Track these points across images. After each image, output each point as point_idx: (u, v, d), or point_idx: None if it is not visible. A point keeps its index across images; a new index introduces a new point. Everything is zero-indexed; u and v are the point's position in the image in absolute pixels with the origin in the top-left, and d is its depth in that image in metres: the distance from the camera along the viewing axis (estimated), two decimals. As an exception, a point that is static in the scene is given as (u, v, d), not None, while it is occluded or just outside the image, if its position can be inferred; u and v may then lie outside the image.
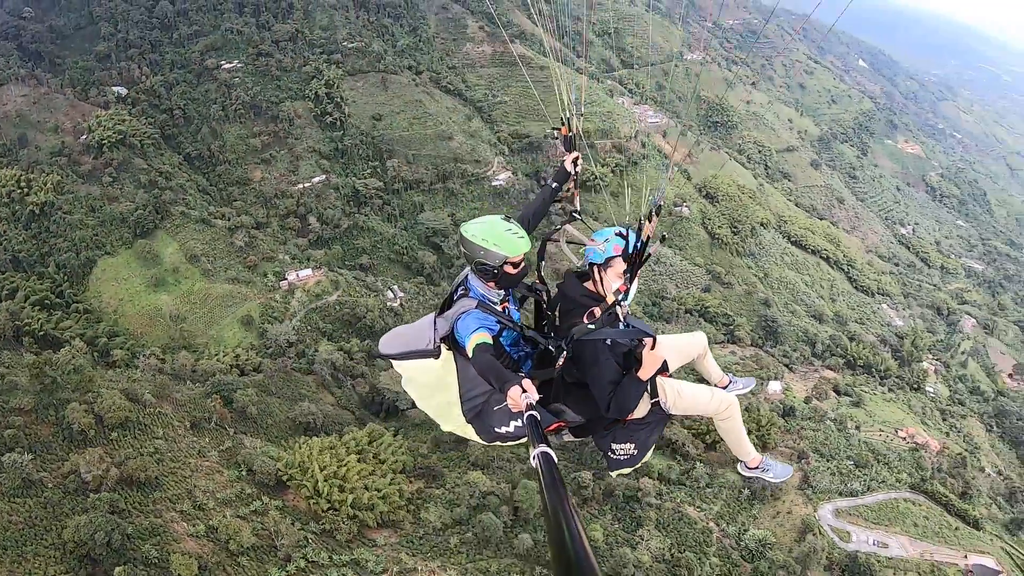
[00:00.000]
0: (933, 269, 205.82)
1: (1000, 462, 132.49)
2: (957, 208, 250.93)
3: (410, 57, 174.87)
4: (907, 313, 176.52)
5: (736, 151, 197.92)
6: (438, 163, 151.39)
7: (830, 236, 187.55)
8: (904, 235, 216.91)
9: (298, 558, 60.43)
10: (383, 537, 68.19)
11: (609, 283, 7.69)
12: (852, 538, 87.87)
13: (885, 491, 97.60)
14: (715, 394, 8.40)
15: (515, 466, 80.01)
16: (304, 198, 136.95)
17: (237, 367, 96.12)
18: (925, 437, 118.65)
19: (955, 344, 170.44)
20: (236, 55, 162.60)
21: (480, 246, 7.20)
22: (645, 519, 79.03)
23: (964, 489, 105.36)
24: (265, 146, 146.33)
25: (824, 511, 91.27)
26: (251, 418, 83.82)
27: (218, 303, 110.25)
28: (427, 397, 7.71)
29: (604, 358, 7.34)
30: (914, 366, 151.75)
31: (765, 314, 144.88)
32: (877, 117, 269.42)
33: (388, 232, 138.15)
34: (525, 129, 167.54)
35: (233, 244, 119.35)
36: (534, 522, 72.53)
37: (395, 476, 74.19)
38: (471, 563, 65.03)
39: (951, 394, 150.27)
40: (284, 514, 66.05)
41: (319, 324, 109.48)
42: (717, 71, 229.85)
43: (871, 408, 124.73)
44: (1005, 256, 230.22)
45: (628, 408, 7.55)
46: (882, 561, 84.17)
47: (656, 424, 8.12)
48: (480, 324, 7.02)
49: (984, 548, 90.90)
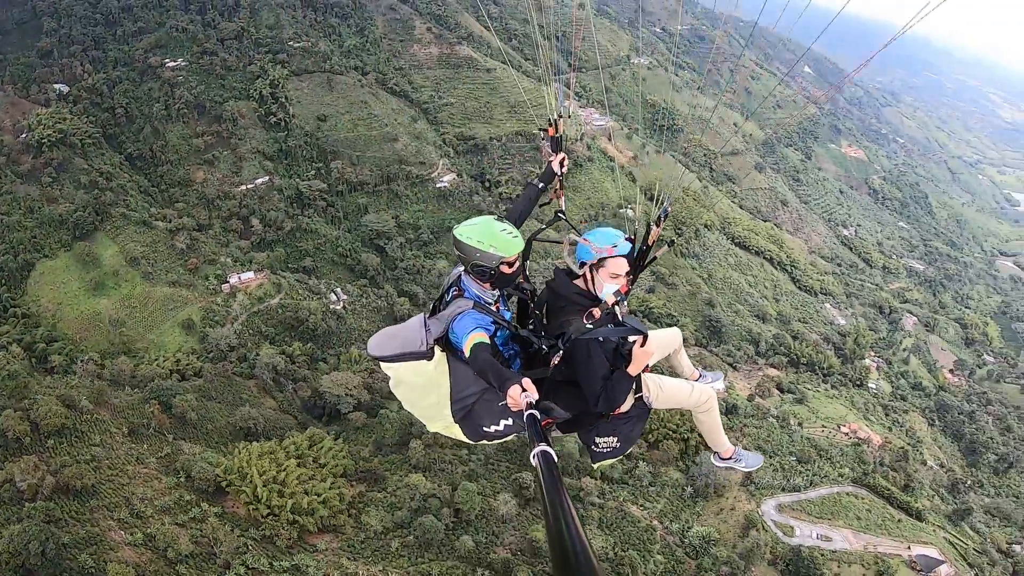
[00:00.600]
0: (875, 269, 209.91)
1: (942, 455, 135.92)
2: (899, 210, 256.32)
3: (357, 58, 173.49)
4: (850, 312, 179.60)
5: (681, 154, 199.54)
6: (383, 165, 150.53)
7: (774, 237, 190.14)
8: (847, 236, 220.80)
9: (237, 565, 60.09)
10: (324, 542, 67.99)
11: (601, 282, 7.71)
12: (796, 532, 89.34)
13: (828, 486, 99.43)
14: (695, 388, 8.65)
15: (456, 468, 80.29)
16: (247, 200, 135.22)
17: (177, 372, 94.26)
18: (867, 432, 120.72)
19: (897, 341, 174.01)
20: (181, 53, 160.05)
21: (476, 248, 7.21)
22: (588, 518, 79.36)
23: (906, 482, 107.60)
24: (208, 146, 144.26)
25: (767, 507, 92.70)
26: (191, 424, 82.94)
27: (158, 307, 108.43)
28: (416, 399, 7.69)
29: (596, 355, 7.43)
30: (857, 363, 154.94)
31: (709, 314, 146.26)
32: (821, 122, 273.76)
33: (332, 234, 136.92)
34: (471, 131, 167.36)
35: (174, 246, 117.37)
36: (476, 524, 72.93)
37: (335, 480, 73.94)
38: (413, 566, 65.12)
39: (893, 390, 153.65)
40: (223, 521, 65.67)
41: (261, 328, 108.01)
42: (664, 75, 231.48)
43: (814, 405, 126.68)
44: (946, 256, 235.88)
45: (617, 403, 7.67)
46: (826, 554, 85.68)
47: (638, 418, 8.25)
48: (477, 324, 7.05)
49: (927, 539, 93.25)
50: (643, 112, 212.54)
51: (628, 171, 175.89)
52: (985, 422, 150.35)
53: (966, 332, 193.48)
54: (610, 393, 7.43)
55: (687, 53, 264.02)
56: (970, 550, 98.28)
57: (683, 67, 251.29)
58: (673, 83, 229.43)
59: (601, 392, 7.40)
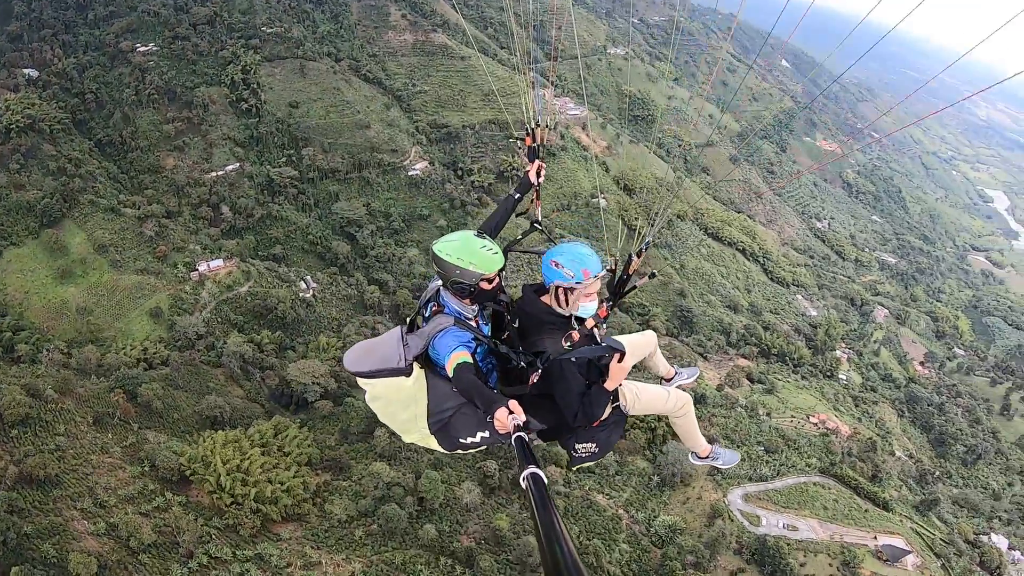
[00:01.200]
0: (848, 262, 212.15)
1: (912, 446, 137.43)
2: (872, 204, 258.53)
3: (330, 44, 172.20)
4: (821, 304, 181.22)
5: (656, 145, 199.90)
6: (354, 152, 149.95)
7: (747, 229, 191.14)
8: (820, 229, 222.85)
9: (200, 554, 59.74)
10: (288, 531, 67.73)
11: (575, 303, 7.69)
12: (762, 522, 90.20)
13: (795, 475, 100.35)
14: (671, 394, 8.70)
15: (422, 457, 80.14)
16: (217, 187, 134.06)
17: (145, 361, 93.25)
18: (836, 423, 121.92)
19: (868, 333, 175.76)
20: (152, 38, 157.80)
21: (455, 265, 7.16)
22: (554, 507, 79.71)
23: (874, 472, 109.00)
24: (178, 133, 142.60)
25: (734, 496, 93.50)
26: (156, 412, 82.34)
27: (126, 295, 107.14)
28: (393, 413, 7.53)
29: (570, 373, 7.37)
30: (827, 354, 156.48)
31: (680, 304, 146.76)
32: (797, 115, 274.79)
33: (302, 222, 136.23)
34: (444, 119, 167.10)
35: (143, 234, 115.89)
36: (440, 512, 72.98)
37: (300, 469, 73.66)
38: (376, 555, 65.00)
39: (863, 381, 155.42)
40: (187, 510, 65.13)
41: (230, 316, 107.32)
42: (640, 66, 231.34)
43: (784, 395, 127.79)
44: (918, 250, 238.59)
45: (596, 417, 7.60)
46: (792, 544, 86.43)
47: (616, 424, 8.26)
48: (459, 343, 6.98)
49: (894, 529, 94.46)
50: (618, 102, 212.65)
51: (602, 161, 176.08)
52: (954, 414, 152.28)
53: (937, 325, 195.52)
54: (588, 408, 7.40)
55: (664, 44, 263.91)
56: (937, 540, 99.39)
57: (659, 58, 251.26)
58: (649, 74, 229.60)
59: (579, 408, 7.38)
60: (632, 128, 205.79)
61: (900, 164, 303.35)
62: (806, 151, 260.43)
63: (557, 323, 7.70)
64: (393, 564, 63.59)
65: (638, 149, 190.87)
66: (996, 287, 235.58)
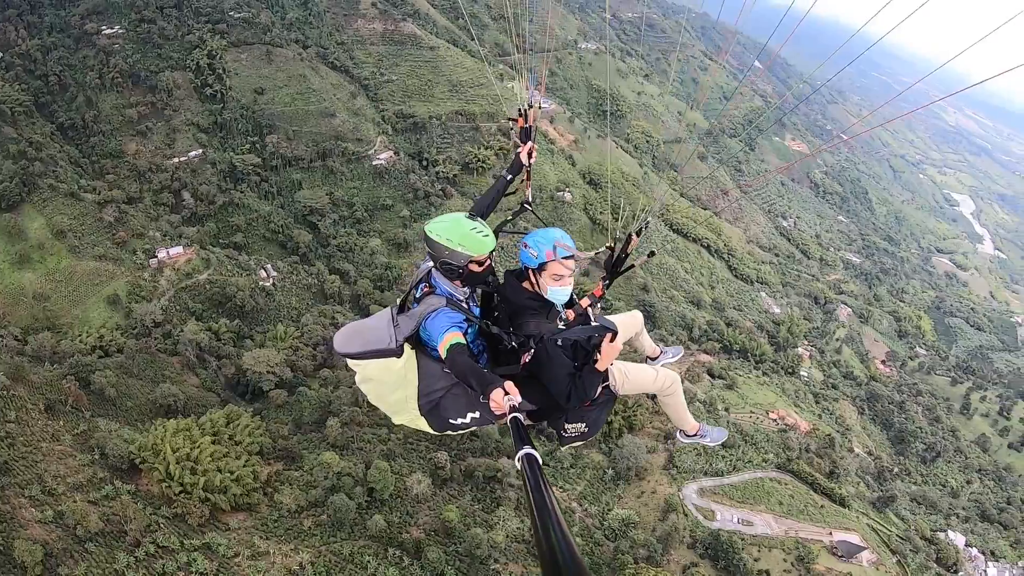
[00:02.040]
0: (812, 260, 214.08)
1: (871, 443, 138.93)
2: (839, 204, 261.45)
3: (298, 31, 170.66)
4: (785, 301, 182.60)
5: (624, 140, 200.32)
6: (319, 140, 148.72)
7: (712, 225, 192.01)
8: (786, 227, 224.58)
9: (147, 543, 59.08)
10: (238, 521, 67.05)
11: (545, 284, 7.70)
12: (717, 517, 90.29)
13: (751, 471, 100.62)
14: (659, 373, 8.68)
15: (375, 447, 79.96)
16: (179, 173, 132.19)
17: (101, 348, 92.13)
18: (795, 419, 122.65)
19: (830, 331, 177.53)
20: (118, 20, 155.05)
21: (445, 246, 7.19)
22: (505, 499, 79.58)
23: (831, 469, 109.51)
24: (142, 117, 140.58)
25: (688, 490, 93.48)
26: (110, 400, 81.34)
27: (84, 281, 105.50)
28: (383, 394, 7.60)
29: (557, 355, 7.40)
30: (789, 351, 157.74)
31: (643, 299, 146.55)
32: (767, 115, 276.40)
33: (264, 210, 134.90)
34: (411, 109, 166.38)
35: (102, 219, 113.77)
36: (390, 503, 72.67)
37: (250, 458, 72.93)
38: (325, 545, 64.63)
39: (825, 378, 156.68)
40: (136, 498, 64.44)
41: (188, 304, 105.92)
42: (611, 61, 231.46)
43: (744, 391, 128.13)
44: (883, 251, 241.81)
45: (588, 397, 7.67)
46: (746, 539, 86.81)
47: (605, 404, 8.30)
48: (452, 323, 7.00)
49: (849, 525, 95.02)
50: (587, 96, 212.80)
51: (568, 155, 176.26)
52: (914, 412, 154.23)
53: (900, 325, 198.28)
54: (580, 389, 7.43)
55: (636, 41, 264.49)
56: (893, 537, 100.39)
57: (631, 54, 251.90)
58: (620, 69, 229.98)
59: (570, 388, 7.40)
60: (601, 123, 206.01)
61: (868, 166, 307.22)
62: (775, 150, 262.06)
63: (537, 307, 7.77)
64: (341, 555, 63.21)
65: (606, 144, 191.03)
66: (959, 289, 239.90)
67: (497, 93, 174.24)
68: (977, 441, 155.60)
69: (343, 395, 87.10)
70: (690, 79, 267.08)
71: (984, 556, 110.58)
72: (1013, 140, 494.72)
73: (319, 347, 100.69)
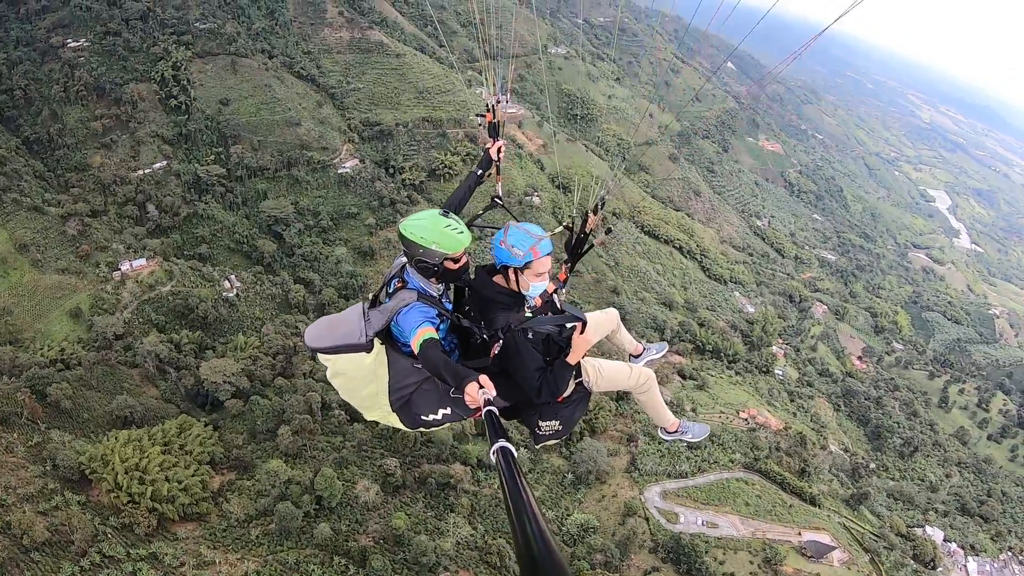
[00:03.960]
0: (787, 259, 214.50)
1: (847, 439, 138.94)
2: (814, 203, 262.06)
3: (265, 41, 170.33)
4: (759, 300, 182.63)
5: (594, 143, 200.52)
6: (284, 150, 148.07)
7: (684, 226, 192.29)
8: (760, 227, 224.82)
9: (93, 552, 59.02)
10: (187, 530, 67.00)
11: (527, 282, 7.61)
12: (680, 519, 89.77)
13: (718, 471, 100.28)
14: (634, 370, 8.75)
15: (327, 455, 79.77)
16: (144, 185, 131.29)
17: (61, 361, 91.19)
18: (766, 417, 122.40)
19: (806, 329, 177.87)
20: (84, 33, 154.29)
21: (419, 245, 7.22)
22: (458, 506, 79.32)
23: (802, 467, 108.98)
24: (106, 130, 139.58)
25: (651, 493, 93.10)
26: (66, 413, 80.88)
27: (47, 295, 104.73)
28: (354, 389, 7.62)
29: (526, 349, 7.40)
30: (764, 350, 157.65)
31: (613, 301, 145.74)
32: (740, 116, 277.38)
33: (229, 220, 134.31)
34: (377, 117, 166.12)
35: (65, 233, 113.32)
36: (338, 511, 72.41)
37: (200, 467, 72.82)
38: (272, 554, 64.38)
39: (800, 376, 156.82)
40: (86, 509, 64.41)
41: (151, 316, 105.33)
42: (582, 66, 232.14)
43: (715, 391, 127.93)
44: (859, 248, 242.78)
45: (559, 392, 7.62)
46: (711, 541, 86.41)
47: (579, 401, 8.33)
48: (424, 318, 7.03)
49: (820, 524, 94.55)
50: (558, 101, 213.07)
51: (537, 159, 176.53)
52: (892, 407, 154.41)
53: (876, 320, 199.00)
54: (551, 384, 7.46)
55: (607, 45, 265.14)
56: (867, 535, 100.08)
57: (602, 58, 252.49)
58: (590, 73, 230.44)
59: (541, 383, 7.42)
60: (571, 127, 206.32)
61: (843, 164, 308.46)
62: (748, 151, 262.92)
63: (509, 302, 7.71)
64: (287, 564, 63.00)
65: (575, 147, 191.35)
66: (936, 283, 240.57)
67: (464, 99, 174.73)
68: (956, 434, 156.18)
69: (295, 403, 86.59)
70: (662, 82, 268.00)
71: (964, 551, 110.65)
72: (988, 136, 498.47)
73: (278, 356, 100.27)
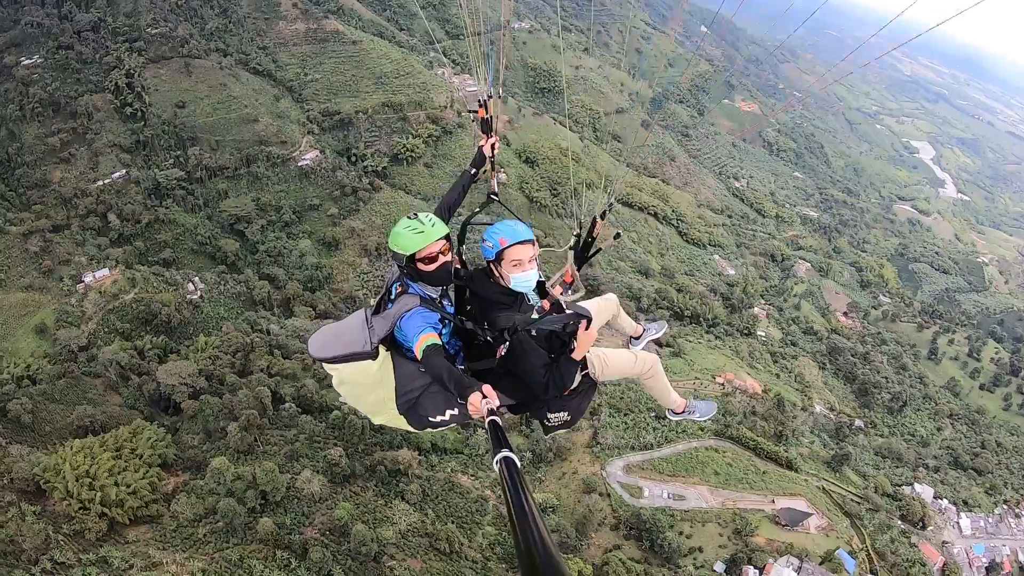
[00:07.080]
0: (768, 219, 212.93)
1: (833, 398, 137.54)
2: (794, 161, 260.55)
3: (219, 40, 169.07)
4: (740, 262, 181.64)
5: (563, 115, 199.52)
6: (243, 147, 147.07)
7: (659, 192, 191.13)
8: (738, 188, 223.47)
9: (44, 560, 58.76)
10: (138, 533, 66.72)
11: (507, 274, 7.53)
12: (645, 493, 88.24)
13: (686, 441, 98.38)
14: (638, 357, 8.77)
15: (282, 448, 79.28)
16: (104, 195, 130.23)
17: (28, 378, 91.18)
18: (744, 380, 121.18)
19: (788, 288, 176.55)
20: (36, 50, 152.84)
21: (391, 248, 7.28)
22: (408, 492, 78.48)
23: (779, 430, 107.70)
24: (64, 144, 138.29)
25: (613, 468, 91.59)
26: (26, 427, 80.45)
27: (12, 313, 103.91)
28: (361, 395, 7.56)
29: (530, 348, 7.40)
30: (745, 312, 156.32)
31: (587, 274, 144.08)
32: (714, 79, 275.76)
33: (190, 223, 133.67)
34: (336, 106, 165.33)
35: (27, 250, 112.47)
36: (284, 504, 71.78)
37: (150, 470, 72.50)
38: (218, 552, 63.97)
39: (784, 336, 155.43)
40: (40, 518, 64.10)
41: (116, 325, 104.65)
42: (547, 38, 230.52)
43: (692, 357, 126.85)
44: (842, 203, 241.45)
45: (566, 387, 7.65)
46: (677, 515, 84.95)
47: (587, 392, 8.28)
48: (426, 324, 6.92)
49: (796, 490, 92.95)
50: (524, 76, 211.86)
51: (502, 135, 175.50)
52: (879, 362, 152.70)
53: (861, 275, 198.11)
54: (558, 379, 7.42)
55: (575, 16, 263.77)
56: (848, 498, 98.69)
57: (569, 29, 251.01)
58: (556, 46, 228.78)
59: (548, 379, 7.37)
60: (537, 100, 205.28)
61: (823, 121, 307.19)
62: (725, 113, 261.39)
63: (507, 301, 7.65)
64: (231, 561, 62.47)
65: (542, 121, 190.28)
66: (923, 234, 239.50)
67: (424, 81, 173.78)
68: (947, 386, 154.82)
69: (243, 399, 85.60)
70: (633, 50, 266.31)
71: (956, 507, 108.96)
72: (969, 85, 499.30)
73: (237, 354, 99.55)
